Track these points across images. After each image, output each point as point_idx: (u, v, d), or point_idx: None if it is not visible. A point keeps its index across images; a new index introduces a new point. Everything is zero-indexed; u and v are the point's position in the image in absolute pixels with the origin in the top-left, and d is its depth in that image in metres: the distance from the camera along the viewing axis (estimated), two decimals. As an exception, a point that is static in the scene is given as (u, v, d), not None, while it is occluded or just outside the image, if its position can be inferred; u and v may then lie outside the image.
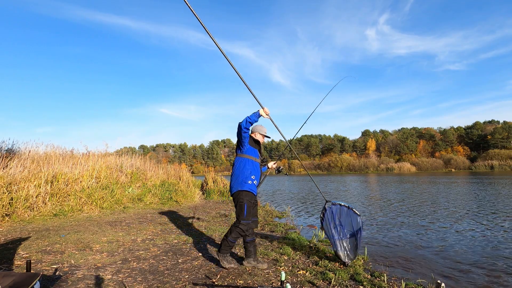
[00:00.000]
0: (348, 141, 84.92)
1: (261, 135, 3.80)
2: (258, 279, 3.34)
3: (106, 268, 3.63)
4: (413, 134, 78.04)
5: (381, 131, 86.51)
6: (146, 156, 13.62)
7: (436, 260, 4.66)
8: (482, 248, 5.25)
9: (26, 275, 2.17)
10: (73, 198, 7.50)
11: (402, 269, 4.25)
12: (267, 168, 4.12)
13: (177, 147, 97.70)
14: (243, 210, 3.45)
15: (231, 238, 3.50)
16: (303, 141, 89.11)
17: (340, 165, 69.78)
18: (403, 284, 3.37)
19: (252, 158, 3.56)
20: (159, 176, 11.50)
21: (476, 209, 9.43)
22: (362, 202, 12.29)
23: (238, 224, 3.47)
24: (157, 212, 7.98)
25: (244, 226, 3.46)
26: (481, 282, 3.80)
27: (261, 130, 3.79)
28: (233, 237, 3.49)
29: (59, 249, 4.31)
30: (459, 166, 59.94)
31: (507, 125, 66.75)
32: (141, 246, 4.70)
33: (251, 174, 3.51)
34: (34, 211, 6.65)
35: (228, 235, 3.51)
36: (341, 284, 3.28)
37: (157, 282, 3.22)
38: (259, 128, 3.79)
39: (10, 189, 6.53)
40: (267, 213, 8.77)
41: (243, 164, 3.53)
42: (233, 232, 3.49)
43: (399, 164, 62.02)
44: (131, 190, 9.26)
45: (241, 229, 3.47)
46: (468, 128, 74.61)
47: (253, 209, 3.57)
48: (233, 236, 3.49)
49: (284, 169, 4.27)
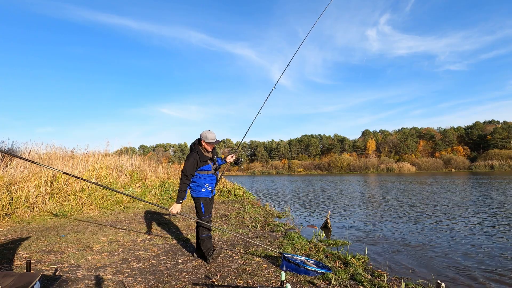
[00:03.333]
0: (348, 141, 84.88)
1: (207, 144, 3.90)
2: (258, 279, 3.34)
3: (106, 268, 3.63)
4: (413, 134, 78.00)
5: (381, 131, 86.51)
6: (146, 156, 13.63)
7: (436, 260, 4.66)
8: (482, 248, 5.25)
9: (26, 275, 2.17)
10: (73, 198, 7.50)
11: (402, 269, 4.25)
12: (225, 162, 4.26)
13: (177, 147, 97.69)
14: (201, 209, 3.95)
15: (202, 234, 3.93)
16: (303, 141, 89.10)
17: (340, 165, 69.78)
18: (403, 284, 3.37)
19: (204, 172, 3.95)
20: (159, 176, 11.51)
21: (476, 209, 9.43)
22: (362, 202, 12.29)
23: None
24: (157, 212, 7.98)
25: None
26: (481, 282, 3.80)
27: (206, 138, 3.86)
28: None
29: (59, 249, 4.31)
30: (459, 166, 59.93)
31: (507, 125, 66.73)
32: (141, 246, 4.70)
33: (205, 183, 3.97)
34: (34, 211, 6.65)
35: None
36: (341, 284, 3.28)
37: (157, 282, 3.22)
38: (205, 134, 3.88)
39: (10, 189, 6.53)
40: (267, 213, 8.76)
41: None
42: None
43: (399, 164, 62.01)
44: (131, 190, 9.26)
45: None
46: (468, 128, 74.58)
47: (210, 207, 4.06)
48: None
49: (243, 161, 4.41)
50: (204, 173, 3.91)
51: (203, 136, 3.87)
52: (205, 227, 3.92)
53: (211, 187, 4.00)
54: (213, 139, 3.86)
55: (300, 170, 74.01)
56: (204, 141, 3.86)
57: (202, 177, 3.90)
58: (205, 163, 3.90)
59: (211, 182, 3.98)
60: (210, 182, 3.97)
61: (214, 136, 3.88)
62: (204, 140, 3.86)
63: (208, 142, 3.85)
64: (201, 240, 3.94)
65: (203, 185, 3.92)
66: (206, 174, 3.92)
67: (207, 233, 3.94)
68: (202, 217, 3.90)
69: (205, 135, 3.86)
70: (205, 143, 3.87)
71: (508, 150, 59.05)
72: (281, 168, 78.64)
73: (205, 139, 3.85)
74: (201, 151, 3.88)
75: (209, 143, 3.86)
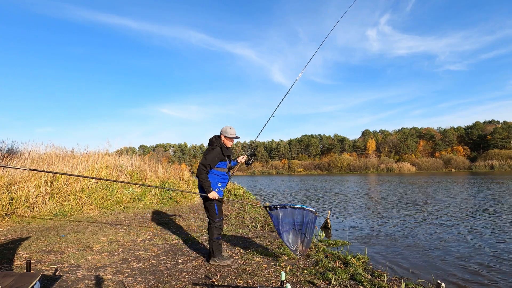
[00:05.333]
0: (348, 141, 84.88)
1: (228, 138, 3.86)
2: (258, 279, 3.34)
3: (106, 268, 3.63)
4: (413, 134, 78.00)
5: (381, 131, 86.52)
6: (146, 156, 13.63)
7: (436, 260, 4.66)
8: (482, 248, 5.25)
9: (26, 275, 2.17)
10: (73, 198, 7.49)
11: (402, 269, 4.25)
12: (237, 163, 4.18)
13: (177, 147, 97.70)
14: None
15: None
16: (303, 141, 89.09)
17: (340, 165, 69.78)
18: (403, 284, 3.37)
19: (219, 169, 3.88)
20: (159, 176, 11.50)
21: (476, 209, 9.43)
22: (362, 202, 12.29)
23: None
24: (157, 212, 7.98)
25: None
26: (481, 282, 3.80)
27: (226, 132, 3.83)
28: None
29: (59, 249, 4.31)
30: (459, 166, 59.93)
31: (507, 125, 66.74)
32: (141, 246, 4.70)
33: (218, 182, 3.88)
34: (34, 211, 6.65)
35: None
36: (341, 284, 3.28)
37: (157, 282, 3.22)
38: (225, 129, 3.84)
39: (10, 189, 6.52)
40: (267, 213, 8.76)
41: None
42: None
43: (399, 164, 62.03)
44: (131, 190, 9.26)
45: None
46: (468, 128, 74.59)
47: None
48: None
49: (252, 160, 4.40)
50: (220, 170, 3.80)
51: (223, 131, 3.81)
52: (219, 228, 3.82)
53: (223, 187, 3.89)
54: (233, 134, 3.80)
55: (300, 170, 74.02)
56: (224, 136, 3.80)
57: (218, 175, 3.79)
58: (224, 159, 3.81)
59: (223, 182, 3.87)
60: (223, 182, 3.86)
61: (234, 132, 3.83)
62: (224, 134, 3.80)
63: (227, 137, 3.79)
64: (213, 242, 3.82)
65: (216, 183, 3.80)
66: (222, 172, 3.82)
67: (218, 235, 3.82)
68: (216, 218, 3.79)
69: (225, 129, 3.80)
70: (225, 137, 3.81)
71: (508, 150, 59.05)
72: (281, 168, 78.65)
73: (225, 133, 3.79)
74: (222, 145, 3.79)
75: (228, 137, 3.80)
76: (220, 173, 3.81)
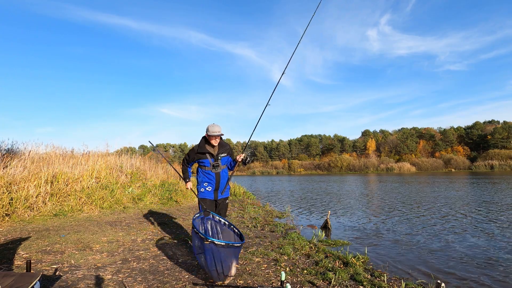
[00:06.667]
0: (348, 141, 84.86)
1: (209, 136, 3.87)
2: (258, 279, 3.34)
3: (106, 268, 3.63)
4: (413, 134, 77.99)
5: (381, 131, 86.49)
6: (146, 156, 13.62)
7: (436, 260, 4.66)
8: (482, 248, 5.25)
9: (26, 275, 2.17)
10: (73, 198, 7.49)
11: (402, 269, 4.24)
12: (236, 162, 4.08)
13: (177, 147, 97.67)
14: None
15: None
16: (303, 141, 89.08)
17: (340, 165, 69.77)
18: (403, 284, 3.37)
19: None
20: (159, 176, 11.51)
21: (476, 209, 9.43)
22: (362, 202, 12.29)
23: None
24: (157, 212, 7.98)
25: None
26: (481, 282, 3.80)
27: (207, 130, 3.85)
28: None
29: (59, 249, 4.31)
30: (459, 166, 59.92)
31: (507, 125, 66.72)
32: (141, 246, 4.70)
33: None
34: (34, 211, 6.65)
35: None
36: (341, 284, 3.28)
37: (157, 282, 3.22)
38: (207, 127, 3.88)
39: (10, 189, 6.52)
40: (267, 213, 8.77)
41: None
42: None
43: (399, 164, 62.01)
44: (131, 190, 9.26)
45: None
46: (468, 128, 74.57)
47: None
48: None
49: (250, 159, 4.17)
50: (203, 168, 3.89)
51: (206, 129, 3.86)
52: None
53: (211, 187, 3.87)
54: (213, 131, 3.79)
55: (300, 170, 74.03)
56: (207, 134, 3.86)
57: (201, 173, 3.91)
58: (203, 156, 3.86)
59: (210, 181, 3.87)
60: (209, 181, 3.87)
61: (215, 129, 3.80)
62: (206, 132, 3.85)
63: (208, 135, 3.82)
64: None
65: (201, 183, 3.90)
66: (205, 170, 3.88)
67: None
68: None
69: (207, 128, 3.85)
70: (207, 135, 3.85)
71: (508, 150, 59.04)
72: (281, 168, 78.63)
73: (207, 132, 3.84)
74: (202, 142, 3.91)
75: (209, 135, 3.82)
76: (205, 172, 3.90)
